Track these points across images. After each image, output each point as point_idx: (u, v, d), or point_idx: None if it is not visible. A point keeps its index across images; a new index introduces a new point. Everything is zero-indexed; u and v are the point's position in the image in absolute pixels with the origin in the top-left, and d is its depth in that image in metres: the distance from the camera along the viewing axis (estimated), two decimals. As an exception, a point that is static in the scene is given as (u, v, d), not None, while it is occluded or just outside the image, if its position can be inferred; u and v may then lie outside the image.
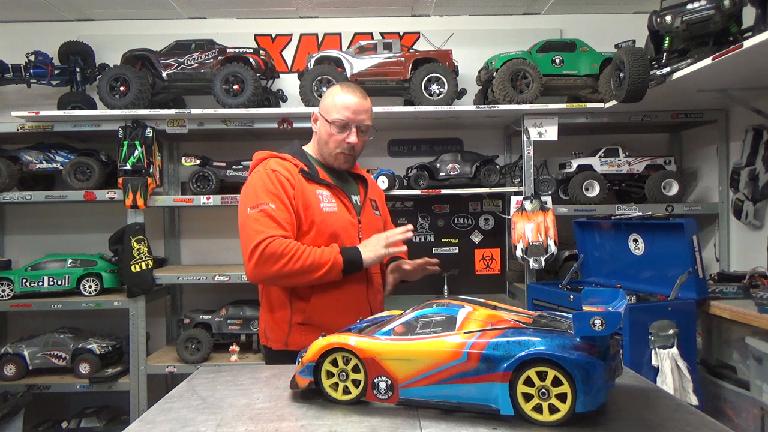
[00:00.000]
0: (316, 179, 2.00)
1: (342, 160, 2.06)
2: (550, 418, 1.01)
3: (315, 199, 1.96)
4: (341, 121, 1.98)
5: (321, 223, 1.95)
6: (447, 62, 3.41)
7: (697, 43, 2.53)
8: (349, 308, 1.94)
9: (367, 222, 2.10)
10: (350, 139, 2.00)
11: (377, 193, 2.31)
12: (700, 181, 3.61)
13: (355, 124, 2.00)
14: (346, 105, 1.99)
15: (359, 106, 2.01)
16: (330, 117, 2.00)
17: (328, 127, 2.01)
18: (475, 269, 3.95)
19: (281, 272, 1.82)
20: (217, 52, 3.38)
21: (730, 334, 2.85)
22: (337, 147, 2.02)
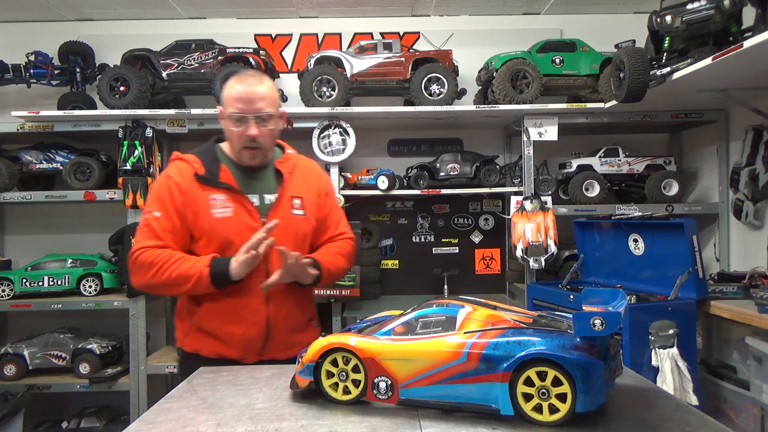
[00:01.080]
0: (212, 183, 1.88)
1: (248, 156, 1.92)
2: (550, 418, 1.01)
3: (205, 205, 1.85)
4: (236, 115, 1.85)
5: (210, 230, 1.85)
6: (447, 62, 3.41)
7: (697, 43, 2.53)
8: (242, 319, 1.87)
9: (280, 224, 1.88)
10: (250, 131, 1.86)
11: (307, 189, 2.05)
12: (700, 181, 3.61)
13: (252, 115, 1.85)
14: (237, 96, 1.85)
15: (252, 94, 1.85)
16: (226, 112, 1.88)
17: (226, 122, 1.90)
18: (475, 269, 3.95)
19: (151, 283, 1.82)
20: (217, 52, 3.38)
21: (730, 334, 2.85)
22: (239, 142, 1.89)
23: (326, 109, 3.29)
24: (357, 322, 1.40)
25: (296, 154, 2.09)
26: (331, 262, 2.00)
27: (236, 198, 1.89)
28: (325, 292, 3.25)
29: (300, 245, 1.95)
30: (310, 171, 2.11)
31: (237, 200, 1.89)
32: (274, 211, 1.92)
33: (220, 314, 1.88)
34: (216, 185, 1.88)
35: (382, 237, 3.88)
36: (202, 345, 1.91)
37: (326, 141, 3.36)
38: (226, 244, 1.84)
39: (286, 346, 1.91)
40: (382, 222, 3.92)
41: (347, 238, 2.14)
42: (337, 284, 3.24)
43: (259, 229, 1.83)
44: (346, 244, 2.11)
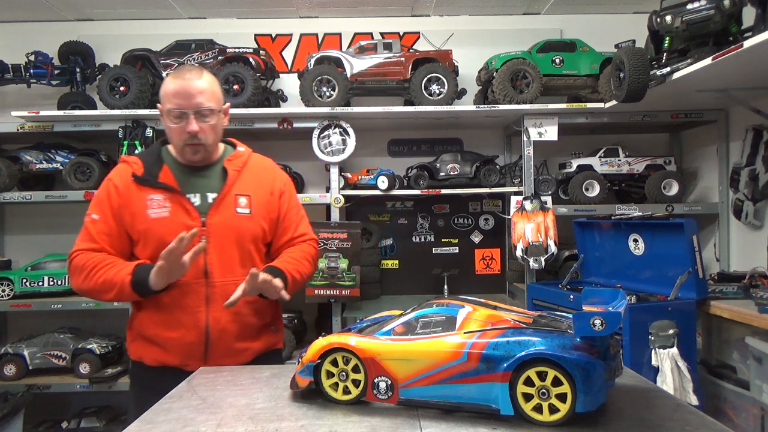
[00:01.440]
0: (150, 183, 1.82)
1: (190, 152, 1.84)
2: (550, 418, 1.01)
3: (142, 206, 1.80)
4: (174, 111, 1.78)
5: (146, 231, 1.79)
6: (447, 62, 3.41)
7: (697, 43, 2.53)
8: (179, 323, 1.79)
9: (221, 224, 1.83)
10: (190, 127, 1.78)
11: (257, 187, 1.94)
12: (700, 181, 3.61)
13: (191, 110, 1.78)
14: (174, 91, 1.78)
15: (190, 89, 1.77)
16: (164, 108, 1.82)
17: (165, 119, 1.83)
18: (475, 269, 3.95)
19: (83, 288, 1.79)
20: (217, 52, 3.38)
21: (730, 334, 2.85)
22: (180, 139, 1.81)
23: (326, 109, 3.29)
24: (357, 322, 1.40)
25: (250, 153, 2.02)
26: (295, 269, 1.90)
27: (174, 198, 1.82)
28: (325, 292, 3.25)
29: (245, 245, 1.87)
30: (263, 169, 2.01)
31: (175, 200, 1.81)
32: (215, 210, 1.83)
33: (158, 319, 1.81)
34: (154, 185, 1.82)
35: (382, 237, 3.88)
36: (144, 352, 1.85)
37: (326, 141, 3.36)
38: (162, 246, 1.72)
39: (234, 352, 1.83)
40: (382, 222, 3.92)
41: (309, 239, 2.04)
42: (337, 284, 3.24)
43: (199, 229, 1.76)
44: (308, 247, 2.01)
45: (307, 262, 1.97)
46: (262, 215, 1.92)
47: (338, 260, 3.25)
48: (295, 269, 1.89)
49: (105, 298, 1.79)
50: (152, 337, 1.82)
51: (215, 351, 1.81)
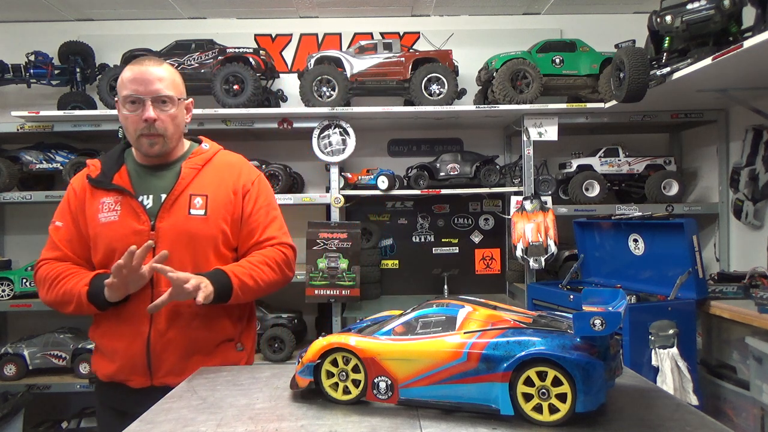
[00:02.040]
0: (103, 185, 1.73)
1: (147, 144, 1.71)
2: (550, 418, 1.01)
3: (94, 210, 1.72)
4: (130, 96, 1.67)
5: (96, 236, 1.70)
6: (447, 62, 3.41)
7: (697, 43, 2.53)
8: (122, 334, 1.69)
9: (171, 227, 1.69)
10: (146, 114, 1.66)
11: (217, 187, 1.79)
12: (700, 181, 3.61)
13: (148, 96, 1.67)
14: (132, 77, 1.68)
15: (148, 75, 1.68)
16: (120, 95, 1.71)
17: (121, 107, 1.71)
18: (475, 269, 3.95)
19: (47, 299, 1.71)
20: (217, 52, 3.38)
21: (730, 334, 2.85)
22: (136, 129, 1.69)
23: (326, 109, 3.29)
24: (357, 322, 1.40)
25: (217, 150, 1.88)
26: (249, 274, 1.71)
27: (125, 200, 1.71)
28: (325, 292, 3.25)
29: (201, 250, 1.72)
30: (228, 167, 1.85)
31: (126, 203, 1.71)
32: (165, 212, 1.70)
33: (106, 328, 1.73)
34: (107, 187, 1.73)
35: (382, 237, 3.88)
36: (98, 365, 1.78)
37: (326, 141, 3.36)
38: (110, 252, 1.68)
39: (181, 370, 1.64)
40: (382, 222, 3.92)
41: (278, 244, 1.83)
42: (337, 284, 3.24)
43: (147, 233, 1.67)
44: (273, 252, 1.81)
45: (269, 268, 1.77)
46: (220, 216, 1.76)
47: (338, 260, 3.25)
48: (248, 274, 1.71)
49: (66, 311, 1.69)
50: (101, 347, 1.76)
51: (160, 366, 1.68)
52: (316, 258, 3.24)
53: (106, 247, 1.69)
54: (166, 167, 1.79)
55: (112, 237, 1.68)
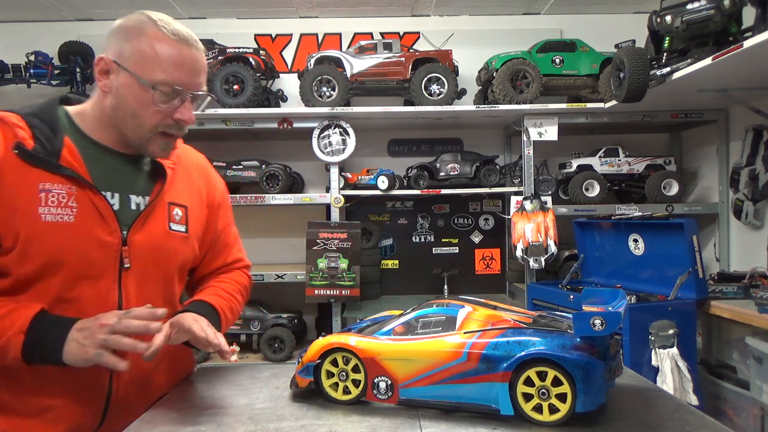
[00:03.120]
0: (45, 163, 1.17)
1: (161, 146, 1.29)
2: (550, 418, 1.01)
3: (30, 198, 1.15)
4: (171, 86, 1.21)
5: (31, 240, 1.14)
6: (447, 62, 3.41)
7: (697, 43, 2.53)
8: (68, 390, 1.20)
9: (148, 245, 1.28)
10: (183, 114, 1.25)
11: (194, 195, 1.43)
12: (700, 181, 3.61)
13: (192, 92, 1.26)
14: (178, 60, 1.22)
15: (198, 63, 1.26)
16: (151, 76, 1.20)
17: (143, 92, 1.21)
18: (475, 269, 3.95)
19: None
20: (217, 52, 3.38)
21: (730, 334, 2.85)
22: (158, 125, 1.25)
23: (326, 109, 3.29)
24: (357, 322, 1.40)
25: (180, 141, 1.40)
26: (229, 306, 1.43)
27: (83, 194, 1.20)
28: (325, 292, 3.25)
29: (171, 276, 1.37)
30: (197, 169, 1.48)
31: (84, 198, 1.20)
32: (141, 223, 1.27)
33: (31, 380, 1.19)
34: (53, 169, 1.18)
35: (382, 237, 3.88)
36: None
37: (326, 141, 3.36)
38: (53, 266, 1.17)
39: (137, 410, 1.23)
40: (382, 222, 3.92)
41: (244, 267, 1.59)
42: (337, 284, 3.24)
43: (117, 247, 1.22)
44: (241, 277, 1.56)
45: (241, 297, 1.52)
46: (197, 236, 1.43)
47: (338, 260, 3.25)
48: (228, 306, 1.43)
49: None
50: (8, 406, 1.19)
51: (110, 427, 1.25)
52: (316, 258, 3.24)
53: (49, 259, 1.16)
54: (133, 158, 1.33)
55: (62, 246, 1.16)
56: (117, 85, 1.22)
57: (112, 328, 1.11)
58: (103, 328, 1.11)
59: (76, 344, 1.11)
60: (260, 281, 3.28)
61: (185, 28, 1.28)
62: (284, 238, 3.87)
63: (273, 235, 3.87)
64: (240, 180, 3.44)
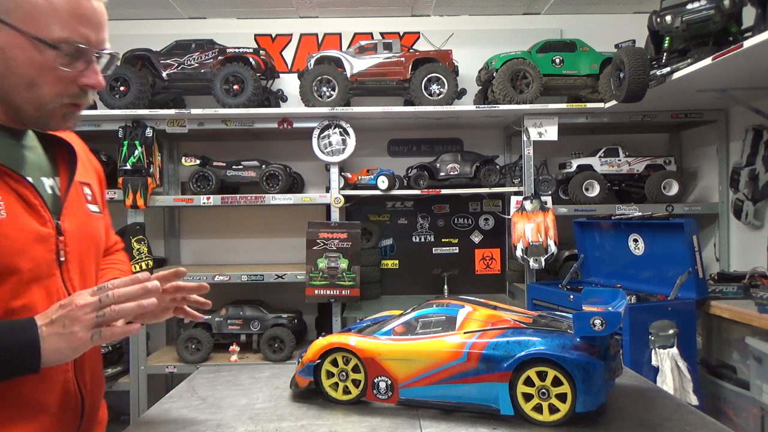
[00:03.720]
0: None
1: (65, 119, 1.08)
2: (550, 418, 1.01)
3: None
4: (75, 45, 1.01)
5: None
6: (447, 62, 3.41)
7: (697, 43, 2.53)
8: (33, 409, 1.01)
9: (77, 230, 1.12)
10: (90, 78, 1.05)
11: (93, 170, 1.30)
12: (700, 181, 3.61)
13: (98, 50, 1.06)
14: (81, 11, 1.01)
15: (102, 17, 1.06)
16: (47, 33, 0.98)
17: (38, 53, 0.99)
18: (475, 269, 3.95)
19: None
20: (217, 52, 3.38)
21: (730, 334, 2.85)
22: (62, 93, 1.04)
23: (326, 109, 3.29)
24: (357, 322, 1.40)
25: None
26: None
27: (4, 183, 1.01)
28: (325, 292, 3.25)
29: (97, 259, 1.22)
30: (80, 143, 1.27)
31: (7, 187, 1.01)
32: (67, 208, 1.11)
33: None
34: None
35: (382, 237, 3.88)
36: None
37: (326, 141, 3.36)
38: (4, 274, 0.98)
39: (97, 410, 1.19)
40: (382, 222, 3.92)
41: (122, 249, 1.46)
42: (337, 284, 3.24)
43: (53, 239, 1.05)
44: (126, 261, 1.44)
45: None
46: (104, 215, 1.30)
47: (338, 260, 3.25)
48: None
49: None
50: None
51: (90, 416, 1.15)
52: (316, 258, 3.24)
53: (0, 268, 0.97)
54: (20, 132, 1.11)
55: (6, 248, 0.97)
56: (2, 47, 0.98)
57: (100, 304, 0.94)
58: (85, 308, 0.93)
59: (57, 338, 0.92)
60: (260, 281, 3.29)
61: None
62: (284, 238, 3.87)
63: (273, 235, 3.87)
64: (240, 180, 3.44)
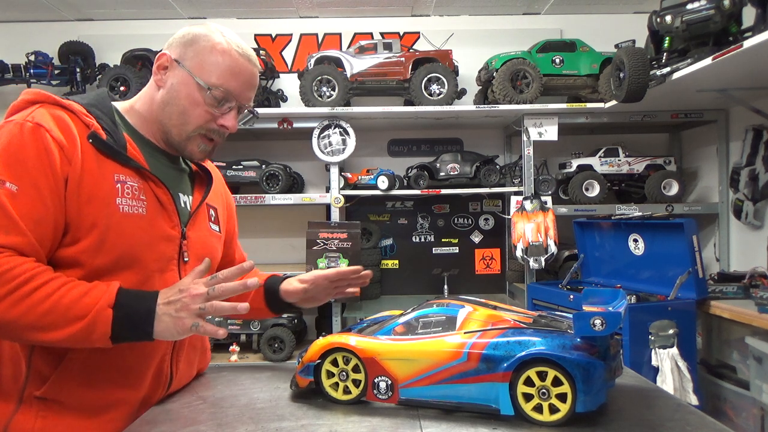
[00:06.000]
0: (119, 154, 1.18)
1: (199, 148, 1.32)
2: (550, 418, 1.01)
3: (109, 188, 1.15)
4: (225, 92, 1.27)
5: (111, 230, 1.13)
6: (447, 62, 3.41)
7: (697, 43, 2.53)
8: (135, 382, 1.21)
9: (198, 240, 1.33)
10: (227, 121, 1.30)
11: (222, 198, 1.53)
12: (700, 181, 3.61)
13: (240, 103, 1.32)
14: (238, 70, 1.28)
15: (254, 80, 1.33)
16: (207, 78, 1.25)
17: (196, 91, 1.25)
18: (475, 269, 3.95)
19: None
20: (217, 52, 3.38)
21: (730, 334, 2.85)
22: (202, 126, 1.28)
23: (326, 109, 3.29)
24: (357, 322, 1.40)
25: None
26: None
27: (148, 187, 1.23)
28: (325, 292, 3.24)
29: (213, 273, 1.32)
30: (217, 175, 1.52)
31: (151, 191, 1.23)
32: (193, 221, 1.34)
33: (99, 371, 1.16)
34: (124, 161, 1.19)
35: (382, 237, 3.88)
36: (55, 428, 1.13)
37: (326, 141, 3.36)
38: (126, 259, 1.16)
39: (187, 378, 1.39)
40: (382, 222, 3.92)
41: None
42: (337, 284, 3.23)
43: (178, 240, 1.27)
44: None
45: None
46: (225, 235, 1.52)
47: (338, 260, 3.25)
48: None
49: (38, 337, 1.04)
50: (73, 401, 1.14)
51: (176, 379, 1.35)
52: (316, 258, 3.24)
53: (125, 251, 1.16)
54: (173, 157, 1.37)
55: (137, 238, 1.18)
56: (173, 81, 1.27)
57: (207, 297, 1.11)
58: (196, 299, 1.11)
59: (168, 318, 1.10)
60: (260, 281, 3.28)
61: (247, 45, 1.34)
62: (284, 238, 3.87)
63: (273, 235, 3.87)
64: (240, 180, 3.44)
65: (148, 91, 1.32)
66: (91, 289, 1.07)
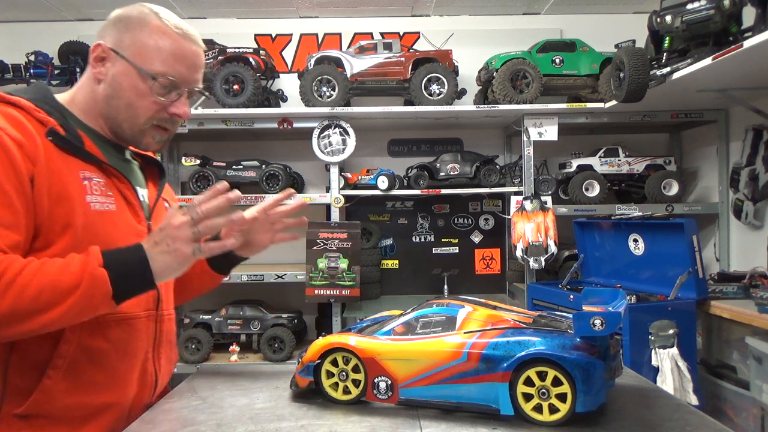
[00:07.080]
0: (80, 150, 1.15)
1: (155, 139, 1.27)
2: (550, 418, 1.01)
3: (77, 186, 1.12)
4: (171, 79, 1.21)
5: (85, 230, 1.11)
6: (447, 62, 3.41)
7: (697, 43, 2.53)
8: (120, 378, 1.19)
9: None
10: (178, 108, 1.25)
11: (170, 190, 1.52)
12: (700, 181, 3.61)
13: (189, 87, 1.26)
14: (182, 53, 1.22)
15: (198, 60, 1.27)
16: (150, 66, 1.19)
17: (140, 81, 1.19)
18: (475, 269, 3.95)
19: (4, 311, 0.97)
20: (217, 52, 3.38)
21: (730, 334, 2.85)
22: (153, 117, 1.23)
23: (326, 109, 3.29)
24: (357, 322, 1.40)
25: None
26: None
27: (113, 183, 1.21)
28: (325, 292, 3.25)
29: None
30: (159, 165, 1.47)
31: (115, 187, 1.22)
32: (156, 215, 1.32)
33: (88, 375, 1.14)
34: (86, 157, 1.16)
35: (382, 237, 3.88)
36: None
37: (326, 141, 3.36)
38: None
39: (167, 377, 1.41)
40: (382, 222, 3.92)
41: None
42: (337, 284, 3.24)
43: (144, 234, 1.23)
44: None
45: None
46: None
47: (338, 260, 3.25)
48: None
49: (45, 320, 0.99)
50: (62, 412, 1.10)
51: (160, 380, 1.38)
52: (316, 258, 3.25)
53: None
54: (121, 148, 1.32)
55: (110, 235, 1.15)
56: (113, 73, 1.21)
57: (193, 222, 1.08)
58: (182, 228, 1.07)
59: (164, 256, 1.06)
60: (260, 281, 3.29)
61: (187, 23, 1.27)
62: (284, 238, 3.87)
63: (273, 235, 3.87)
64: (240, 180, 3.44)
65: (87, 83, 1.27)
66: (70, 260, 1.03)
